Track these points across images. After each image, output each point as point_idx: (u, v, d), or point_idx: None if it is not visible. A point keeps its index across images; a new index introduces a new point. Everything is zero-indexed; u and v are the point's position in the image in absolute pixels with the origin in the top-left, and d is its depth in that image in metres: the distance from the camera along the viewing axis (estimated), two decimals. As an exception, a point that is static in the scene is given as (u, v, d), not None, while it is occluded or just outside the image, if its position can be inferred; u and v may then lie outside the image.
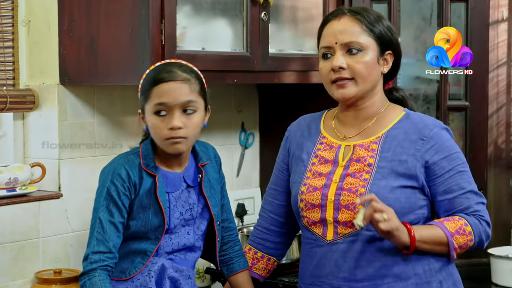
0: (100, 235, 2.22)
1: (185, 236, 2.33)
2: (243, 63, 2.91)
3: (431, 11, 3.33)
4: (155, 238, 2.28)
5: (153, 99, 2.22)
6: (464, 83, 3.35)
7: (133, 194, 2.26)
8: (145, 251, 2.28)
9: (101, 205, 2.25)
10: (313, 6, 3.23)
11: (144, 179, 2.27)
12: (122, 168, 2.26)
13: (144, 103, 2.26)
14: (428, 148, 2.25)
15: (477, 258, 3.28)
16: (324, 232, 2.28)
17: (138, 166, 2.27)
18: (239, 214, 3.48)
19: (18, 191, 2.77)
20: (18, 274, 2.76)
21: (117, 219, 2.24)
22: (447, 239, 2.20)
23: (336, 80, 2.27)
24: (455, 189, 2.25)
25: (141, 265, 2.27)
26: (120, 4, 2.66)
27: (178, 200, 2.31)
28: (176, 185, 2.32)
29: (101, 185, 2.27)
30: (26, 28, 2.93)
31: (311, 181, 2.31)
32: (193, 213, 2.34)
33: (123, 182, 2.25)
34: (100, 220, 2.23)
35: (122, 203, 2.24)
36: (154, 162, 2.29)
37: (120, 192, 2.24)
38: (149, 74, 2.27)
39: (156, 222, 2.27)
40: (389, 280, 2.22)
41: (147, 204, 2.26)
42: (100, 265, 2.20)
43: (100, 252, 2.21)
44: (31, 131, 2.92)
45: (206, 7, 2.83)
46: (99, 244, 2.22)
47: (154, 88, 2.22)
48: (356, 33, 2.27)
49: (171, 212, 2.29)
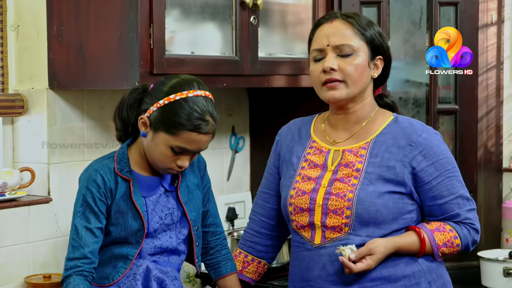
0: (75, 241, 2.23)
1: (168, 240, 2.34)
2: (232, 67, 2.91)
3: (420, 14, 3.34)
4: (136, 242, 2.28)
5: (178, 141, 2.22)
6: (453, 87, 3.36)
7: (109, 199, 2.26)
8: (127, 256, 2.28)
9: (77, 212, 2.25)
10: (303, 9, 3.23)
11: (119, 183, 2.27)
12: (97, 174, 2.26)
13: (162, 130, 2.22)
14: (416, 154, 2.25)
15: (467, 261, 3.29)
16: (312, 236, 2.28)
17: (113, 171, 2.28)
18: (230, 218, 3.47)
19: (7, 195, 2.76)
20: (7, 279, 2.75)
21: (94, 224, 2.24)
22: (432, 251, 2.26)
23: (327, 82, 2.27)
24: (445, 195, 2.26)
25: (123, 269, 2.27)
26: (109, 8, 2.65)
27: (157, 205, 2.31)
28: (153, 189, 2.32)
29: (78, 192, 2.28)
30: (15, 32, 2.92)
31: (300, 185, 2.31)
32: (173, 218, 2.34)
33: (98, 188, 2.25)
34: (75, 227, 2.24)
35: (98, 208, 2.24)
36: (129, 167, 2.29)
37: (96, 198, 2.24)
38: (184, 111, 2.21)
39: (135, 226, 2.27)
40: (378, 282, 2.23)
41: (125, 209, 2.26)
42: (75, 271, 2.21)
43: (75, 259, 2.22)
44: (20, 136, 2.92)
45: (195, 11, 2.83)
46: (74, 250, 2.23)
47: (185, 132, 2.21)
48: (348, 35, 2.28)
49: (150, 216, 2.29)
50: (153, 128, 2.24)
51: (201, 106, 2.23)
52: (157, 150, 2.25)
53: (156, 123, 2.23)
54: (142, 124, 2.27)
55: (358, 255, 2.17)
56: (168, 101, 2.23)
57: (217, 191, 3.47)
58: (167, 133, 2.22)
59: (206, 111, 2.24)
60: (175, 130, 2.21)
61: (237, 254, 2.54)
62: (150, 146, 2.27)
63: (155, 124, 2.24)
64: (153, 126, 2.24)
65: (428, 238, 2.24)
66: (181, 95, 2.23)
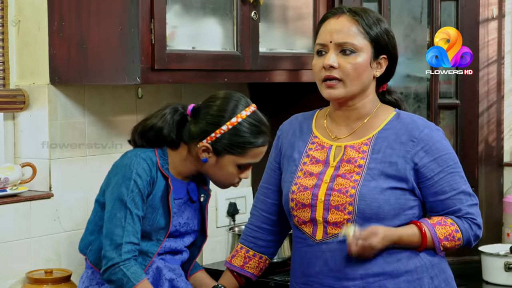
0: (130, 226, 2.25)
1: (177, 243, 2.40)
2: (233, 62, 2.91)
3: (421, 9, 3.33)
4: (157, 240, 2.32)
5: (247, 158, 2.34)
6: (454, 81, 3.35)
7: (150, 189, 2.29)
8: (147, 253, 2.31)
9: (128, 196, 2.26)
10: (304, 5, 3.23)
11: (158, 178, 2.32)
12: (144, 162, 2.30)
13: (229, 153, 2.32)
14: (418, 150, 2.25)
15: (469, 256, 3.29)
16: (314, 232, 2.28)
17: (155, 165, 2.32)
18: (231, 213, 3.47)
19: (8, 191, 2.76)
20: (9, 274, 2.75)
21: (141, 212, 2.28)
22: (434, 245, 2.25)
23: (326, 79, 2.27)
24: (447, 190, 2.26)
25: (143, 266, 2.30)
26: (110, 4, 2.65)
27: (180, 209, 2.37)
28: (180, 193, 2.38)
29: (123, 176, 2.28)
30: (16, 28, 2.92)
31: (302, 180, 2.31)
32: (190, 227, 2.41)
33: (146, 176, 2.29)
34: (130, 212, 2.26)
35: (144, 195, 2.28)
36: (167, 165, 2.35)
37: (145, 185, 2.28)
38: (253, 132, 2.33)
39: (162, 223, 2.32)
40: (380, 278, 2.23)
41: (157, 204, 2.29)
42: (133, 256, 2.24)
43: (131, 243, 2.25)
44: (22, 131, 2.91)
45: (196, 6, 2.82)
46: (129, 235, 2.24)
47: (254, 149, 2.34)
48: (352, 34, 2.27)
49: (173, 217, 2.33)
50: (217, 152, 2.32)
51: (259, 121, 2.36)
52: (225, 172, 2.35)
53: (222, 147, 2.32)
54: (204, 152, 2.33)
55: (362, 231, 2.16)
56: (231, 125, 2.32)
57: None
58: (235, 154, 2.32)
59: (263, 124, 2.37)
60: (243, 150, 2.32)
61: (238, 249, 2.54)
62: (214, 169, 2.35)
63: (221, 149, 2.32)
64: (217, 151, 2.32)
65: (429, 231, 2.24)
66: (241, 117, 2.33)
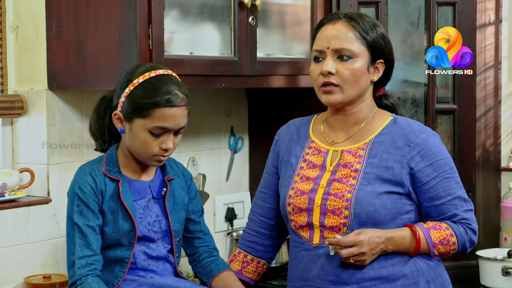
0: (81, 240, 2.22)
1: (157, 247, 2.34)
2: (231, 68, 2.92)
3: (418, 15, 3.34)
4: (129, 244, 2.28)
5: (154, 121, 2.21)
6: (452, 86, 3.36)
7: (100, 199, 2.26)
8: (122, 259, 2.28)
9: (74, 212, 2.24)
10: (301, 10, 3.24)
11: (107, 185, 2.28)
12: (88, 175, 2.27)
13: (135, 116, 2.23)
14: (414, 154, 2.26)
15: (466, 261, 3.29)
16: (311, 236, 2.29)
17: (102, 173, 2.28)
18: (229, 218, 3.48)
19: (7, 196, 2.77)
20: (7, 280, 2.75)
21: (93, 222, 2.24)
22: (428, 249, 2.25)
23: (324, 85, 2.28)
24: (442, 196, 2.26)
25: (121, 273, 2.27)
26: (107, 9, 2.66)
27: (145, 209, 2.32)
28: (141, 193, 2.33)
29: (70, 193, 2.28)
30: (14, 33, 2.93)
31: (298, 185, 2.32)
32: (161, 226, 2.34)
33: (90, 187, 2.25)
34: (77, 226, 2.23)
35: (93, 206, 2.25)
36: (117, 168, 2.31)
37: (89, 197, 2.24)
38: (149, 90, 2.22)
39: (126, 227, 2.27)
40: (376, 282, 2.24)
41: (114, 209, 2.27)
42: (89, 270, 2.20)
43: (86, 256, 2.21)
44: (20, 137, 2.92)
45: (194, 11, 2.83)
46: (82, 248, 2.21)
47: (157, 110, 2.21)
48: (348, 39, 2.27)
49: (138, 220, 2.29)
50: (127, 119, 2.25)
51: (166, 82, 2.24)
52: (138, 139, 2.24)
53: (129, 112, 2.23)
54: (117, 120, 2.27)
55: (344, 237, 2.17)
56: (133, 86, 2.24)
57: (216, 191, 3.47)
58: (141, 117, 2.22)
59: (171, 85, 2.24)
60: (147, 111, 2.21)
61: (236, 254, 2.54)
62: (130, 139, 2.27)
63: (128, 113, 2.24)
64: (126, 117, 2.25)
65: (423, 234, 2.24)
66: (144, 77, 2.24)
